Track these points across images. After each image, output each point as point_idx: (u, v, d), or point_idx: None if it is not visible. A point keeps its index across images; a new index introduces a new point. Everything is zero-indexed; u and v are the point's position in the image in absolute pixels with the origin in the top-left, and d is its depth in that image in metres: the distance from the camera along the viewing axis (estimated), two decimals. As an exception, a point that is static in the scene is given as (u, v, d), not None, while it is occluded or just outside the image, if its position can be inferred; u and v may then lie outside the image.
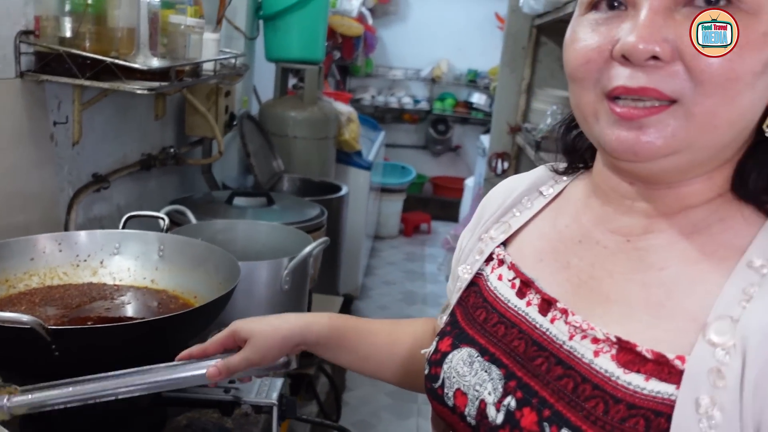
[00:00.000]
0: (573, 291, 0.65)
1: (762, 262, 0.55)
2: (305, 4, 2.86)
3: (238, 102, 2.83)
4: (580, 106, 0.60)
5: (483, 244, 0.77)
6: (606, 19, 0.56)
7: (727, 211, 0.60)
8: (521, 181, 0.80)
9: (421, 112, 6.18)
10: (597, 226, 0.67)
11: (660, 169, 0.57)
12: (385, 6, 5.92)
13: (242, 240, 1.75)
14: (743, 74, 0.52)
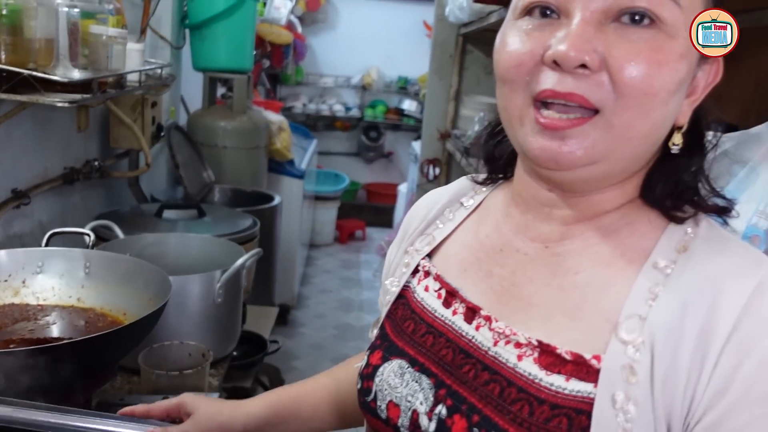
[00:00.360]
0: (496, 299, 0.67)
1: (666, 263, 0.59)
2: (232, 12, 2.83)
3: (166, 112, 2.77)
4: (507, 108, 0.62)
5: (409, 257, 0.79)
6: (539, 25, 0.59)
7: (635, 215, 0.64)
8: (443, 194, 0.82)
9: (352, 119, 6.20)
10: (517, 234, 0.69)
11: (578, 177, 0.60)
12: (314, 14, 5.92)
13: (173, 254, 1.71)
14: (660, 91, 0.55)
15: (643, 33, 0.55)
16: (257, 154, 3.05)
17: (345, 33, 6.06)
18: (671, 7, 0.55)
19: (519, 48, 0.59)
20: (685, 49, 0.56)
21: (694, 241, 0.60)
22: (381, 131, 6.24)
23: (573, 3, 0.56)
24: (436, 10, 3.55)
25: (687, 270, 0.58)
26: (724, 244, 0.60)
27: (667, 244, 0.61)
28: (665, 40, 0.55)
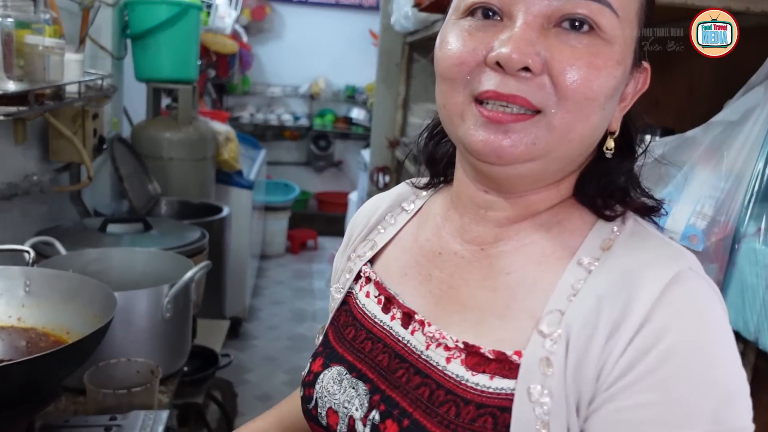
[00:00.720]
0: (435, 302, 0.69)
1: (589, 260, 0.61)
2: (175, 22, 2.79)
3: (108, 124, 2.70)
4: (447, 105, 0.62)
5: (352, 263, 0.80)
6: (481, 26, 0.59)
7: (566, 214, 0.66)
8: (385, 199, 0.83)
9: (301, 128, 6.17)
10: (455, 237, 0.70)
11: (517, 173, 0.61)
12: (260, 23, 5.88)
13: (118, 269, 1.67)
14: (599, 95, 0.57)
15: (582, 39, 0.57)
16: (204, 166, 3.01)
17: (291, 42, 6.04)
18: (610, 15, 0.57)
19: (461, 47, 0.59)
20: (621, 56, 0.58)
21: (618, 239, 0.62)
22: (330, 140, 6.23)
23: (516, 6, 0.57)
24: (382, 19, 3.57)
25: (607, 265, 0.60)
26: (645, 240, 0.62)
27: (593, 242, 0.62)
28: (603, 47, 0.57)
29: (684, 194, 1.22)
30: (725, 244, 1.20)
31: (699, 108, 1.67)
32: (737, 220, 1.19)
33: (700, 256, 1.22)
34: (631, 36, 0.60)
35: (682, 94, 1.78)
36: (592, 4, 0.56)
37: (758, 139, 1.19)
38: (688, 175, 1.24)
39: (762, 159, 1.17)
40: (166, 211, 2.77)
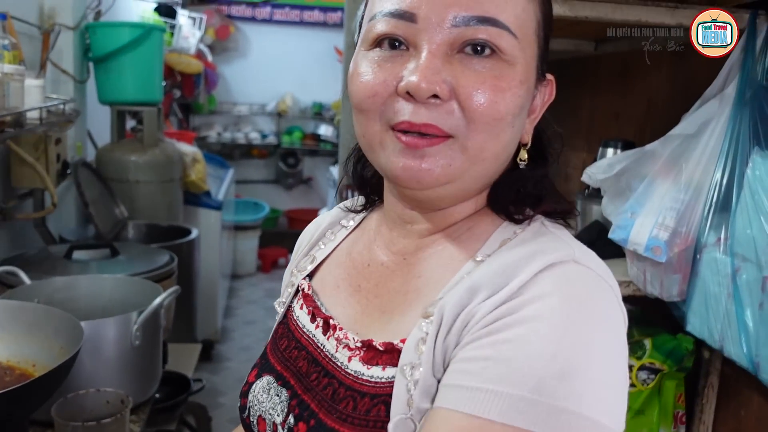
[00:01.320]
0: (362, 311, 0.72)
1: (482, 258, 0.64)
2: (138, 44, 2.77)
3: (72, 149, 2.67)
4: (366, 135, 0.64)
5: (293, 278, 0.83)
6: (389, 56, 0.61)
7: (476, 220, 0.69)
8: (327, 216, 0.87)
9: (269, 146, 6.15)
10: (384, 249, 0.74)
11: (437, 196, 0.64)
12: (224, 42, 5.87)
13: (85, 297, 1.64)
14: (506, 114, 0.60)
15: (485, 63, 0.59)
16: (171, 187, 2.98)
17: (257, 60, 6.03)
18: (508, 38, 0.60)
19: (372, 78, 0.61)
20: (524, 75, 0.61)
21: (516, 239, 0.64)
22: (299, 157, 6.22)
23: (420, 36, 0.59)
24: (346, 37, 3.58)
25: (494, 258, 0.62)
26: (537, 237, 0.63)
27: (493, 242, 0.65)
28: (505, 68, 0.60)
29: (646, 206, 1.25)
30: (687, 254, 1.22)
31: (658, 120, 1.71)
32: (698, 231, 1.22)
33: (663, 267, 1.25)
34: (532, 54, 0.63)
35: (641, 108, 1.82)
36: (490, 29, 0.59)
37: (715, 150, 1.22)
38: (649, 187, 1.27)
39: (719, 170, 1.21)
40: (134, 235, 2.73)
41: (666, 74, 1.74)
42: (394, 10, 0.60)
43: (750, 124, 1.17)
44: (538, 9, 0.64)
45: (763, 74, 1.25)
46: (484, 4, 0.59)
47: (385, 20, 0.61)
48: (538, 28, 0.64)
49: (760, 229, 1.08)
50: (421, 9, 0.59)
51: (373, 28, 0.62)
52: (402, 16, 0.60)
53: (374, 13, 0.63)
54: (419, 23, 0.59)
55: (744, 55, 1.27)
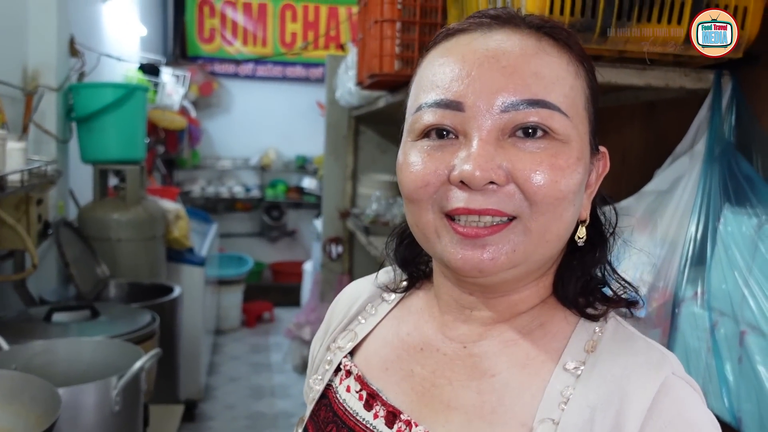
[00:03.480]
0: (418, 399, 0.67)
1: (575, 364, 0.61)
2: (121, 104, 2.80)
3: (53, 208, 2.66)
4: (419, 224, 0.63)
5: (331, 354, 0.78)
6: (439, 145, 0.60)
7: (548, 316, 0.66)
8: (366, 287, 0.82)
9: (253, 199, 6.17)
10: (437, 333, 0.69)
11: (501, 280, 0.62)
12: (208, 98, 5.95)
13: (64, 361, 1.62)
14: (567, 193, 0.59)
15: (539, 144, 0.59)
16: (154, 245, 2.97)
17: (240, 115, 6.11)
18: (560, 118, 0.59)
19: (422, 168, 0.60)
20: (580, 152, 0.60)
21: (601, 341, 0.62)
22: (283, 210, 6.24)
23: (469, 124, 0.59)
24: (327, 94, 3.65)
25: (595, 371, 0.60)
26: (629, 343, 0.62)
27: (576, 344, 0.63)
28: (561, 147, 0.59)
29: (624, 262, 1.27)
30: (666, 309, 1.24)
31: (632, 176, 1.75)
32: (675, 285, 1.24)
33: (643, 323, 1.27)
34: (584, 130, 0.62)
35: (616, 163, 1.86)
36: (541, 111, 0.58)
37: (688, 206, 1.25)
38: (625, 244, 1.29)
39: (693, 225, 1.23)
40: (116, 293, 2.70)
41: (638, 129, 1.79)
42: (440, 100, 0.60)
43: (720, 181, 1.21)
44: (585, 85, 0.63)
45: (730, 132, 1.30)
46: (531, 87, 0.58)
47: (431, 111, 0.60)
48: (587, 103, 0.63)
49: (734, 283, 1.10)
50: (468, 97, 0.59)
51: (420, 119, 0.61)
52: (449, 105, 0.59)
53: (420, 104, 0.62)
54: (467, 111, 0.58)
55: (711, 114, 1.31)
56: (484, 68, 0.59)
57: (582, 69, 0.63)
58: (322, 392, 0.76)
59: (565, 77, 0.61)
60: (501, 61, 0.59)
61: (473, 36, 0.62)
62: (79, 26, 3.06)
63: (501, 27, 0.62)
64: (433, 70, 0.62)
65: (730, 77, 1.34)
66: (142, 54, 4.71)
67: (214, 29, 6.07)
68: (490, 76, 0.59)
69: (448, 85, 0.60)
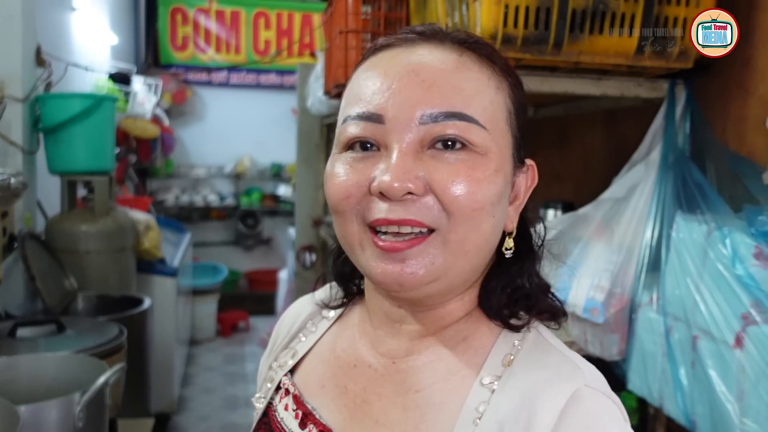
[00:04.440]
0: (350, 416, 0.68)
1: (491, 379, 0.62)
2: (88, 114, 2.77)
3: (20, 221, 2.62)
4: (345, 236, 0.64)
5: (273, 373, 0.79)
6: (362, 158, 0.61)
7: (472, 328, 0.67)
8: (307, 305, 0.83)
9: (228, 208, 6.14)
10: (369, 349, 0.71)
11: (425, 294, 0.63)
12: (181, 107, 5.91)
13: (27, 378, 1.59)
14: (484, 204, 0.59)
15: (458, 155, 0.59)
16: (124, 257, 2.93)
17: (214, 123, 6.08)
18: (478, 130, 0.60)
19: (345, 180, 0.62)
20: (498, 165, 0.61)
21: (518, 355, 0.63)
22: (258, 218, 6.21)
23: (389, 136, 0.60)
24: (299, 102, 3.66)
25: (507, 386, 0.61)
26: (544, 356, 0.63)
27: (495, 358, 0.64)
28: (478, 159, 0.60)
29: (582, 268, 1.29)
30: (624, 314, 1.26)
31: (594, 181, 1.78)
32: (632, 291, 1.26)
33: (602, 328, 1.29)
34: (505, 143, 0.63)
35: (579, 168, 1.89)
36: (459, 123, 0.59)
37: (643, 213, 1.27)
38: (584, 250, 1.31)
39: (648, 231, 1.26)
40: (84, 307, 2.67)
41: (600, 136, 1.82)
42: (362, 113, 0.61)
43: (673, 188, 1.23)
44: (508, 99, 0.64)
45: (684, 139, 1.33)
46: (450, 100, 0.59)
47: (354, 123, 0.62)
48: (509, 117, 0.64)
49: (686, 289, 1.12)
50: (388, 110, 0.60)
51: (345, 131, 0.63)
52: (370, 118, 0.61)
53: (345, 116, 0.63)
54: (387, 123, 0.60)
55: (666, 123, 1.34)
56: (404, 82, 0.60)
57: (505, 83, 0.65)
58: (264, 411, 0.77)
59: (485, 91, 0.62)
60: (421, 74, 0.60)
61: (398, 51, 0.64)
62: (46, 35, 3.03)
63: (425, 42, 0.64)
64: (359, 84, 0.64)
65: (684, 86, 1.37)
66: (113, 63, 4.67)
67: (187, 37, 6.05)
68: (409, 90, 0.60)
69: (370, 98, 0.61)
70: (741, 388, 0.98)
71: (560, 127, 2.01)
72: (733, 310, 1.01)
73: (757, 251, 0.98)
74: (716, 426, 1.04)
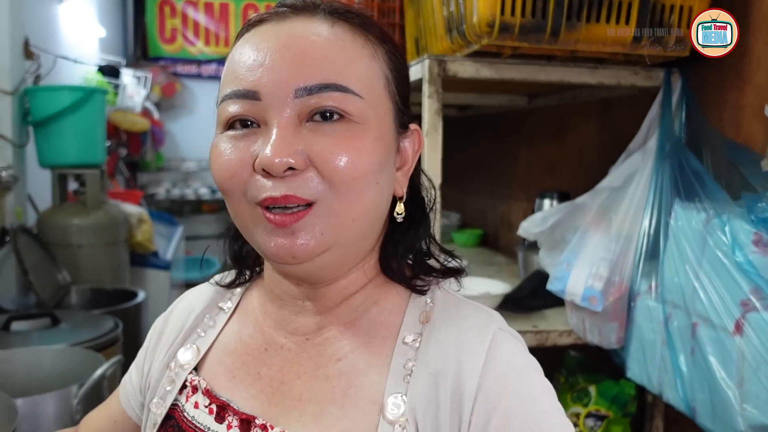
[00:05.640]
0: (269, 401, 0.67)
1: (413, 337, 0.64)
2: (78, 107, 2.74)
3: (11, 214, 2.60)
4: (237, 216, 0.63)
5: (173, 373, 0.74)
6: (243, 135, 0.61)
7: (380, 293, 0.68)
8: (199, 299, 0.80)
9: (219, 201, 6.10)
10: (278, 330, 0.70)
11: (318, 267, 0.63)
12: (171, 99, 5.87)
13: (23, 371, 1.58)
14: (365, 173, 0.60)
15: (336, 126, 0.60)
16: (117, 250, 2.92)
17: (204, 116, 6.03)
18: (353, 99, 0.60)
19: (228, 159, 0.61)
20: (378, 132, 0.62)
21: (433, 311, 0.66)
22: (249, 211, 6.19)
23: (267, 112, 0.60)
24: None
25: (432, 340, 0.63)
26: (457, 308, 0.66)
27: (411, 317, 0.66)
28: (357, 128, 0.60)
29: (580, 257, 1.29)
30: (622, 303, 1.26)
31: (590, 170, 1.78)
32: (631, 279, 1.26)
33: (600, 316, 1.29)
34: (385, 110, 0.64)
35: (574, 159, 1.89)
36: (334, 94, 0.59)
37: (641, 202, 1.28)
38: (582, 239, 1.31)
39: (646, 220, 1.26)
40: (78, 300, 2.65)
41: (595, 126, 1.82)
42: (237, 91, 0.61)
43: (671, 177, 1.24)
44: (384, 66, 0.65)
45: (680, 128, 1.33)
46: (323, 71, 0.59)
47: (232, 102, 0.61)
48: (387, 83, 0.64)
49: (685, 276, 1.13)
50: (263, 86, 0.60)
51: (224, 110, 0.62)
52: (246, 95, 0.60)
53: (223, 95, 0.63)
54: (264, 100, 0.60)
55: (662, 111, 1.34)
56: (276, 57, 0.60)
57: (381, 50, 0.65)
58: (167, 414, 0.72)
59: (358, 60, 0.62)
60: (292, 48, 0.60)
61: (270, 25, 0.63)
62: (34, 28, 3.00)
63: (296, 15, 0.63)
64: (233, 61, 0.63)
65: (680, 75, 1.37)
66: (102, 55, 4.63)
67: (176, 29, 5.99)
68: (281, 64, 0.60)
69: (244, 75, 0.61)
70: (741, 375, 0.98)
71: (554, 117, 2.01)
72: (733, 297, 1.02)
73: (757, 238, 0.98)
74: (716, 412, 1.05)
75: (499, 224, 2.45)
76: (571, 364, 1.61)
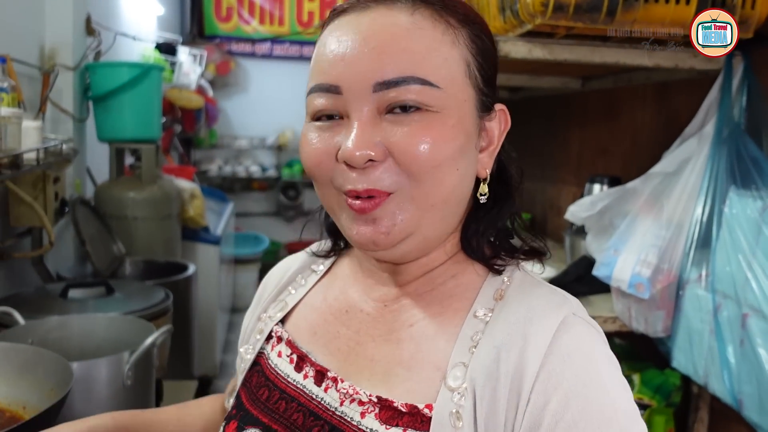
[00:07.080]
0: (344, 358, 0.72)
1: (484, 312, 0.65)
2: (136, 83, 2.81)
3: (70, 186, 2.70)
4: (324, 199, 0.68)
5: (262, 324, 0.83)
6: (329, 126, 0.64)
7: (459, 269, 0.70)
8: (295, 261, 0.88)
9: (270, 179, 6.20)
10: (361, 296, 0.75)
11: (401, 253, 0.66)
12: (225, 78, 5.95)
13: (78, 337, 1.65)
14: (443, 160, 0.62)
15: (413, 117, 0.61)
16: (169, 224, 3.00)
17: (257, 95, 6.11)
18: (431, 91, 0.61)
19: (315, 148, 0.65)
20: (456, 119, 0.63)
21: (509, 289, 0.67)
22: (299, 189, 6.26)
23: (348, 106, 0.62)
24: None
25: (501, 316, 0.64)
26: (532, 289, 0.66)
27: (486, 294, 0.67)
28: (434, 118, 0.61)
29: (628, 243, 1.27)
30: (670, 291, 1.24)
31: (643, 156, 1.74)
32: (680, 267, 1.23)
33: (647, 304, 1.27)
34: (465, 97, 0.64)
35: (627, 143, 1.85)
36: (412, 87, 0.61)
37: (695, 188, 1.24)
38: (631, 225, 1.28)
39: (699, 207, 1.23)
40: (131, 271, 2.74)
41: (650, 110, 1.77)
42: (321, 84, 0.64)
43: (727, 163, 1.20)
44: (465, 51, 0.65)
45: (740, 113, 1.28)
46: (402, 65, 0.61)
47: (317, 95, 0.65)
48: (468, 70, 0.65)
49: (738, 266, 1.10)
50: (344, 81, 0.62)
51: (311, 102, 0.65)
52: (329, 89, 0.63)
53: (310, 87, 0.66)
54: (345, 94, 0.62)
55: (721, 95, 1.30)
56: (355, 51, 0.62)
57: (463, 34, 0.65)
58: (255, 360, 0.80)
59: (438, 49, 0.63)
60: (370, 42, 0.62)
61: (351, 17, 0.65)
62: (95, 5, 3.08)
63: (376, 5, 0.64)
64: (319, 53, 0.66)
65: (742, 58, 1.32)
66: (159, 33, 4.72)
67: (231, 8, 6.06)
68: (360, 59, 0.62)
69: (327, 69, 0.64)
70: (792, 368, 0.95)
71: (609, 101, 1.97)
72: (787, 288, 0.98)
73: (815, 228, 0.95)
74: (764, 405, 1.02)
75: (548, 208, 2.41)
76: (615, 351, 1.59)
